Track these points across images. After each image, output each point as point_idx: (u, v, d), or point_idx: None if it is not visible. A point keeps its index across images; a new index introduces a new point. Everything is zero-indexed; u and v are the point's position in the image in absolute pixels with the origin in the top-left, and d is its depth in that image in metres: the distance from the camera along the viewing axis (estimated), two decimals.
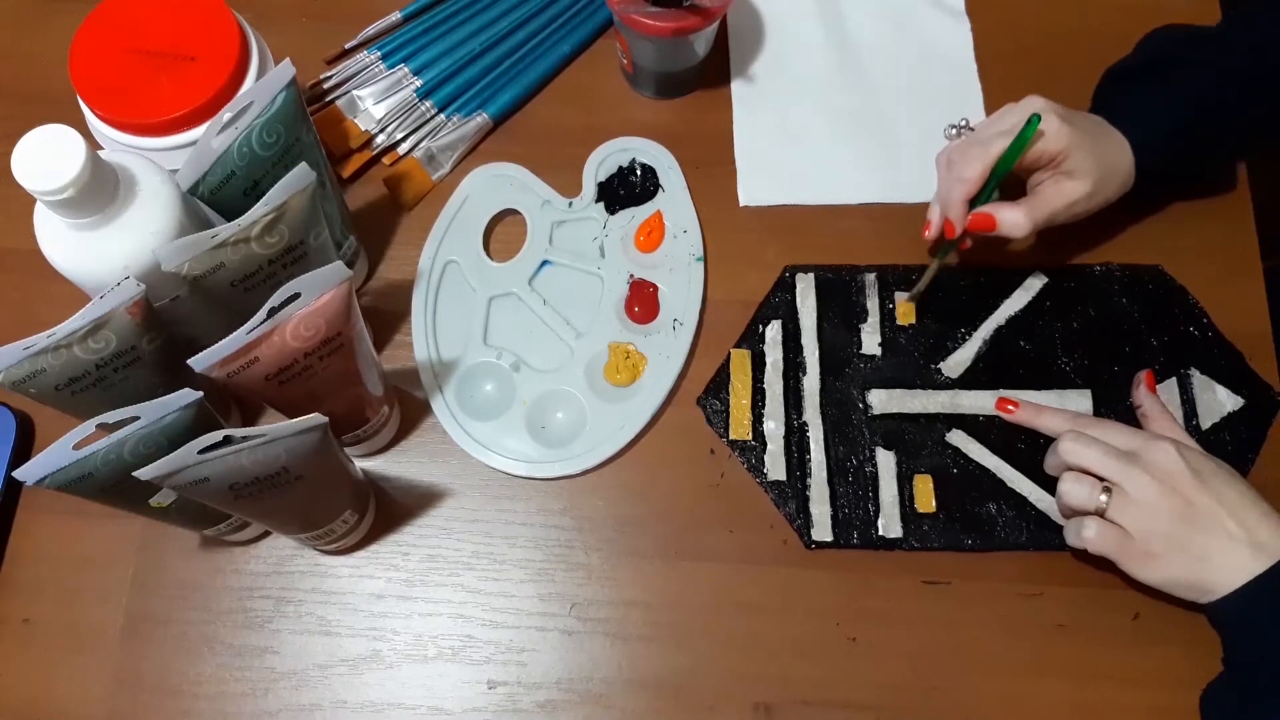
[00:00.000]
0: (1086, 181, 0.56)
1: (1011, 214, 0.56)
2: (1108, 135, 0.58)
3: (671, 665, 0.57)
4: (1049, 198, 0.56)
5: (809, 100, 0.70)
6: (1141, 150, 0.58)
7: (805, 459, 0.60)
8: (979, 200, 0.56)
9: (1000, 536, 0.59)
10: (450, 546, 0.60)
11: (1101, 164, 0.57)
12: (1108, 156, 0.57)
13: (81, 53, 0.56)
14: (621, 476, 0.61)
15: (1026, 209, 0.56)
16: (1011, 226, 0.56)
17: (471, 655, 0.57)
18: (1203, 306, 0.63)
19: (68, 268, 0.49)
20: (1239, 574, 0.51)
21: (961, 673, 0.56)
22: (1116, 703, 0.56)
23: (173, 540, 0.60)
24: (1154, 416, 0.57)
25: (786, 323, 0.63)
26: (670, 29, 0.61)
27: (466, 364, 0.63)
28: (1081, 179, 0.56)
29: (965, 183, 0.56)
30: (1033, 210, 0.56)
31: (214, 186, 0.51)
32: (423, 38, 0.70)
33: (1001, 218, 0.56)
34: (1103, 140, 0.57)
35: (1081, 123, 0.57)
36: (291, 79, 0.51)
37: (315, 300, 0.46)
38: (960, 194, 0.56)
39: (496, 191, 0.67)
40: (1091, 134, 0.57)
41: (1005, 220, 0.56)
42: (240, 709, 0.57)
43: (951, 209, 0.57)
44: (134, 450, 0.45)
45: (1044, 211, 0.56)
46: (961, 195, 0.56)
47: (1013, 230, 0.56)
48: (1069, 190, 0.56)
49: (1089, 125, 0.58)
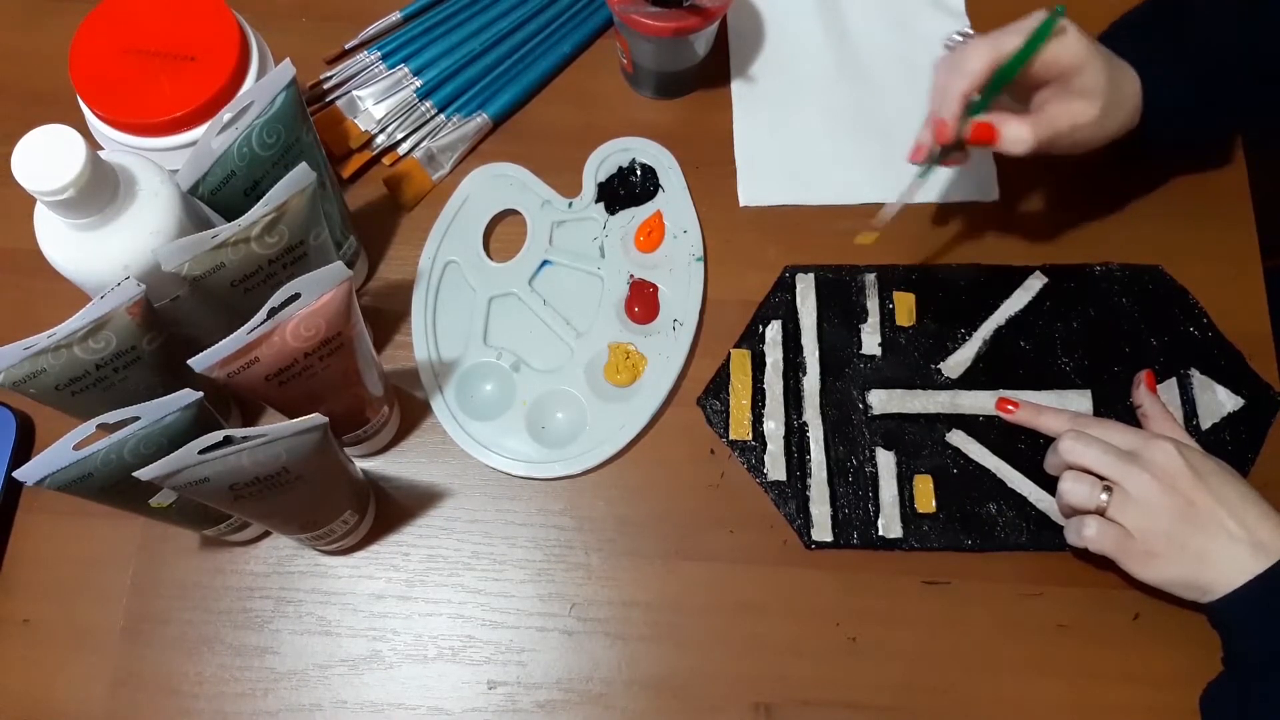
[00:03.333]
0: (1096, 103, 0.52)
1: (1016, 127, 0.51)
2: (1119, 63, 0.54)
3: (671, 665, 0.57)
4: (1056, 115, 0.52)
5: (809, 100, 0.70)
6: (1151, 88, 0.54)
7: (805, 459, 0.60)
8: (976, 109, 0.51)
9: (1000, 536, 0.59)
10: (450, 547, 0.60)
11: (1112, 87, 0.52)
12: (1119, 82, 0.53)
13: (81, 53, 0.56)
14: (621, 476, 0.61)
15: (1032, 123, 0.51)
16: (1014, 142, 0.51)
17: (471, 655, 0.58)
18: (1203, 306, 0.63)
19: (68, 268, 0.49)
20: (1239, 573, 0.51)
21: (961, 673, 0.56)
22: (1116, 703, 0.56)
23: (173, 540, 0.60)
24: (1154, 416, 0.58)
25: (786, 323, 0.63)
26: (670, 29, 0.61)
27: (466, 364, 0.63)
28: (1091, 100, 0.52)
29: (967, 76, 0.50)
30: (1038, 126, 0.51)
31: (214, 187, 0.51)
32: (423, 38, 0.70)
33: (1005, 130, 0.51)
34: (1115, 64, 0.53)
35: (1098, 46, 0.53)
36: (291, 79, 0.51)
37: (315, 300, 0.46)
38: (959, 88, 0.50)
39: (496, 192, 0.67)
40: (1104, 54, 0.53)
41: (1008, 133, 0.51)
42: (240, 709, 0.57)
43: (946, 106, 0.51)
44: (134, 450, 0.45)
45: (1050, 129, 0.51)
46: (960, 90, 0.50)
47: (1014, 146, 0.51)
48: (1078, 110, 0.52)
49: (1104, 51, 0.53)
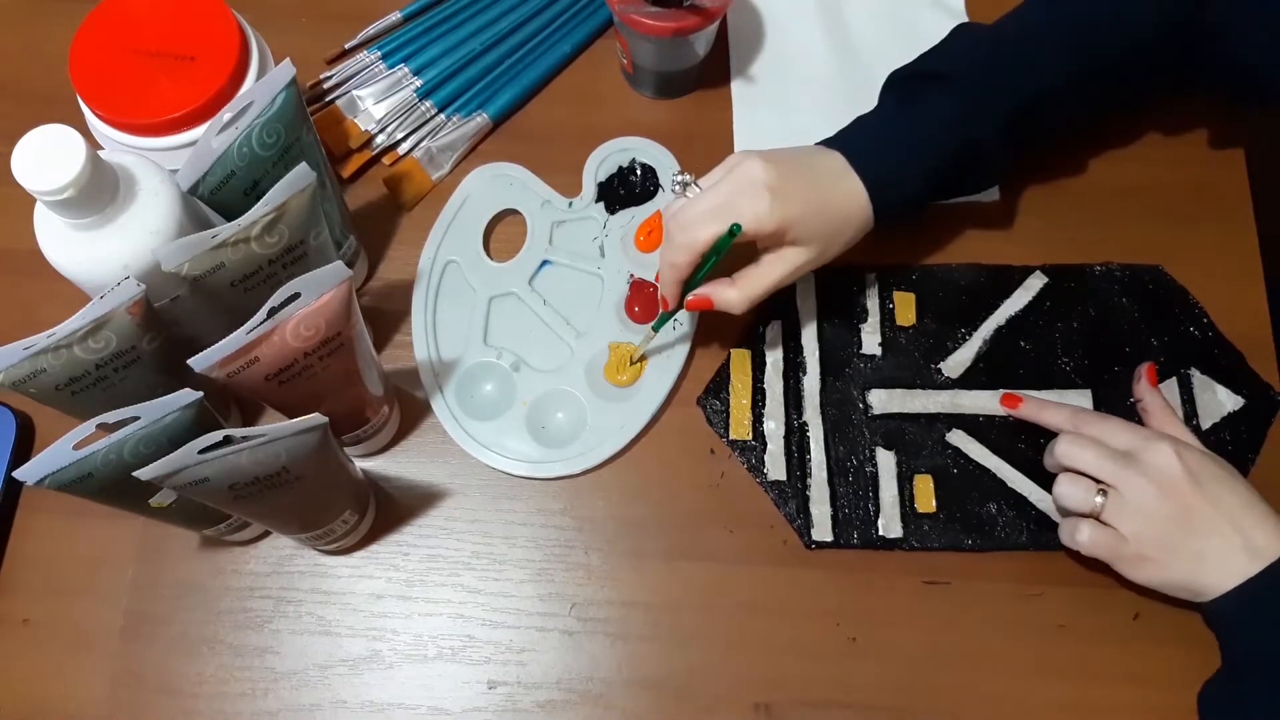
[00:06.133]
0: (811, 248, 0.55)
1: (728, 294, 0.56)
2: (833, 187, 0.56)
3: (671, 665, 0.57)
4: (768, 271, 0.56)
5: (809, 100, 0.70)
6: (877, 194, 0.56)
7: (805, 459, 0.60)
8: (694, 282, 0.56)
9: (1000, 536, 0.59)
10: (450, 546, 0.60)
11: (828, 226, 0.55)
12: (833, 216, 0.56)
13: (81, 53, 0.56)
14: (621, 476, 0.61)
15: (742, 287, 0.56)
16: (727, 305, 0.57)
17: (471, 655, 0.57)
18: (1203, 306, 0.63)
19: (68, 268, 0.49)
20: (1233, 576, 0.51)
21: (961, 673, 0.56)
22: (1116, 703, 0.56)
23: (173, 540, 0.60)
24: (1154, 411, 0.58)
25: (786, 323, 0.63)
26: (670, 29, 0.61)
27: (467, 364, 0.63)
28: (805, 245, 0.55)
29: (676, 268, 0.55)
30: (748, 288, 0.56)
31: (214, 186, 0.51)
32: (423, 38, 0.70)
33: (718, 298, 0.57)
34: (826, 197, 0.55)
35: (798, 189, 0.54)
36: (291, 79, 0.51)
37: (315, 300, 0.46)
38: (672, 278, 0.56)
39: (496, 191, 0.67)
40: (813, 201, 0.55)
41: (721, 300, 0.57)
42: (240, 709, 0.57)
43: (666, 289, 0.57)
44: (134, 450, 0.45)
45: (759, 288, 0.56)
46: (673, 279, 0.56)
47: (729, 309, 0.57)
48: (790, 259, 0.55)
49: (809, 187, 0.55)
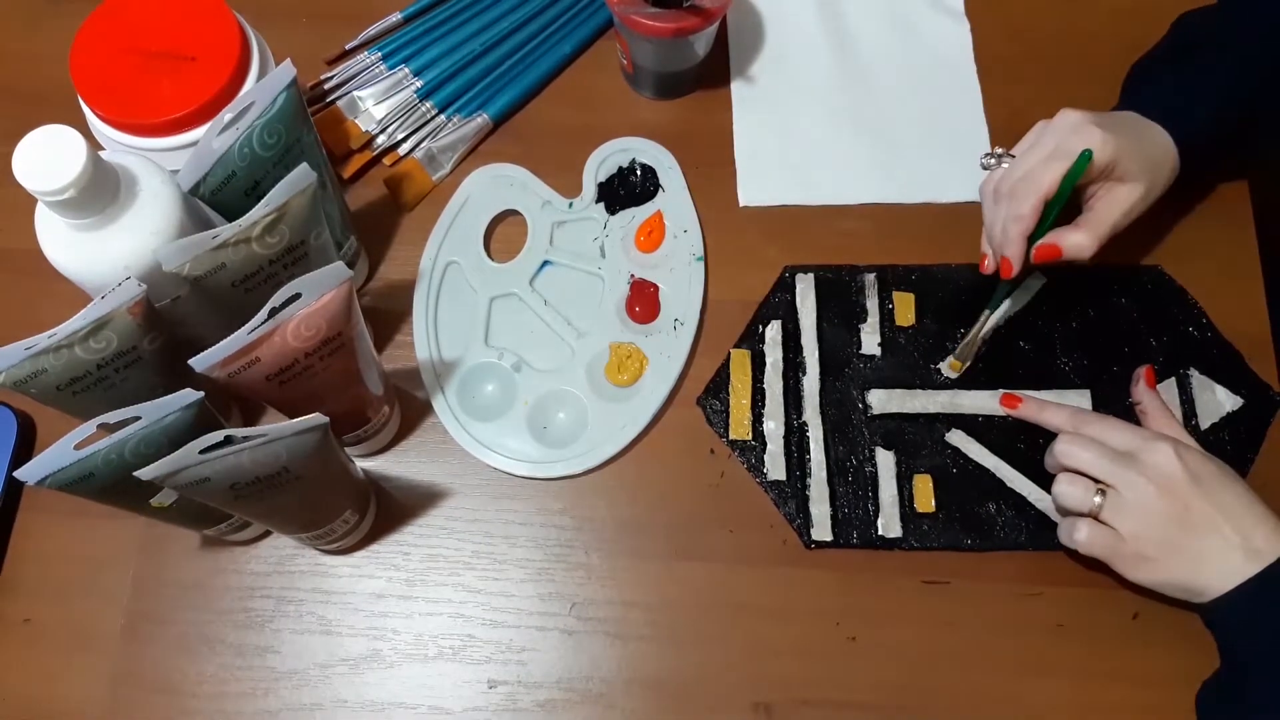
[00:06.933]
0: (1139, 184, 0.55)
1: (1075, 237, 0.55)
2: (1147, 130, 0.57)
3: (671, 665, 0.57)
4: (1107, 210, 0.55)
5: (809, 100, 0.70)
6: (1182, 138, 0.56)
7: (805, 459, 0.60)
8: (1037, 233, 0.55)
9: (1000, 536, 0.59)
10: (451, 546, 0.60)
11: (1149, 162, 0.55)
12: (1153, 153, 0.56)
13: (82, 53, 0.56)
14: (622, 476, 0.61)
15: (1088, 228, 0.55)
16: (1077, 249, 0.55)
17: (472, 655, 0.58)
18: (1202, 307, 0.63)
19: (69, 268, 0.49)
20: (1232, 577, 0.51)
21: (961, 673, 0.56)
22: (1115, 702, 0.56)
23: (173, 540, 0.60)
24: (1153, 413, 0.58)
25: (786, 323, 0.63)
26: (670, 29, 0.61)
27: (468, 364, 0.63)
28: (1134, 182, 0.55)
29: (1021, 220, 0.54)
30: (1094, 228, 0.55)
31: (215, 187, 0.51)
32: (423, 39, 0.70)
33: (1066, 244, 0.55)
34: (1144, 137, 0.56)
35: (1120, 127, 0.55)
36: (292, 79, 0.51)
37: (316, 300, 0.46)
38: (1018, 231, 0.54)
39: (497, 192, 0.67)
40: (1132, 135, 0.55)
41: (1070, 246, 0.55)
42: (240, 709, 0.57)
43: (1009, 246, 0.55)
44: (135, 450, 0.46)
45: (1105, 226, 0.55)
46: (1019, 232, 0.54)
47: (1079, 253, 0.55)
48: (1124, 197, 0.55)
49: (1128, 127, 0.56)
